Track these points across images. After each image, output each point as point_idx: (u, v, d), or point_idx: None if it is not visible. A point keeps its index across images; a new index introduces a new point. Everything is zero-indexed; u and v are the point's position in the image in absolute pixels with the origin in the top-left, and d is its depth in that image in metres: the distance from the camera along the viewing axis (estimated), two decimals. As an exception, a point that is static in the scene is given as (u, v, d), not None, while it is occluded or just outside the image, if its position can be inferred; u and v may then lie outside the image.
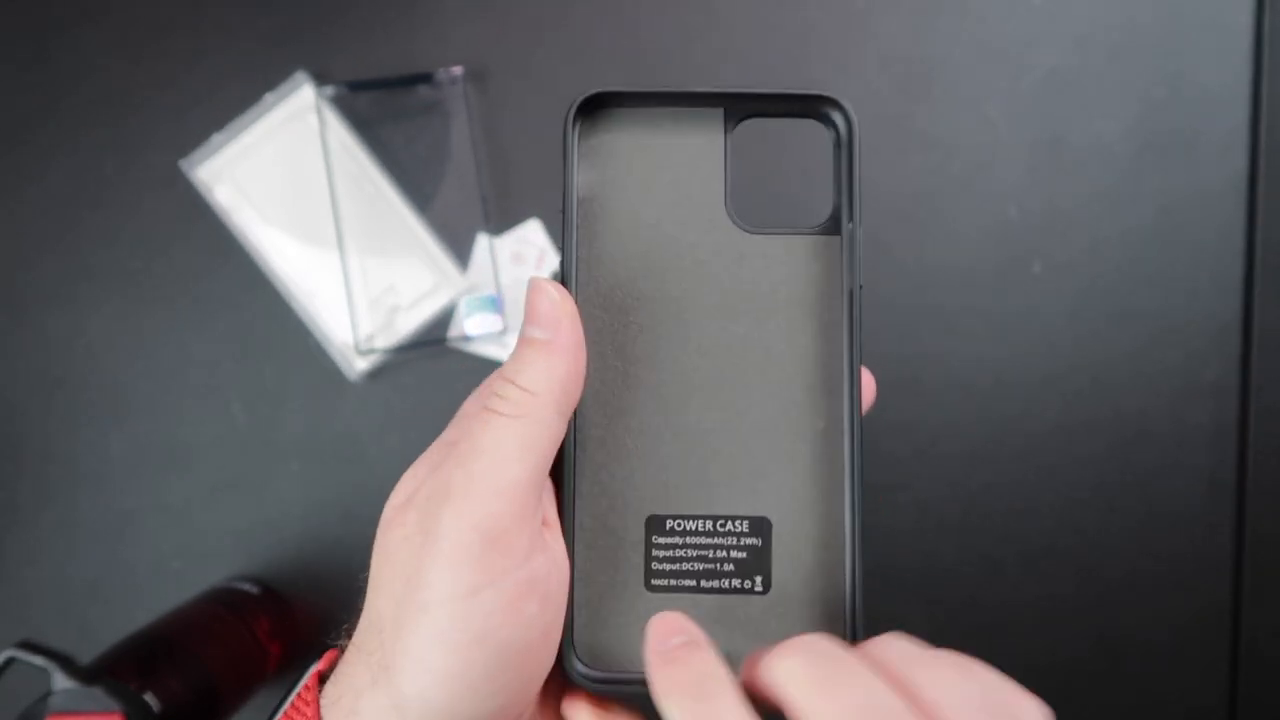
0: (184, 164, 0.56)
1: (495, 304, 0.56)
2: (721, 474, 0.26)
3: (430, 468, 0.26)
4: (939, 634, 0.63)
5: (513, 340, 0.57)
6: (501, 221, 0.57)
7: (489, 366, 0.57)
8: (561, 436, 0.26)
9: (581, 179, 0.28)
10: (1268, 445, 0.56)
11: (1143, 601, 0.57)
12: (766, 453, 0.26)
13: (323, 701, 0.25)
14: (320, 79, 0.57)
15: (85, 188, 0.58)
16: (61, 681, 0.41)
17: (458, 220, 0.57)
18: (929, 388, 0.57)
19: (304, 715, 0.24)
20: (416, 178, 0.57)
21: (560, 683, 0.27)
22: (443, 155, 0.57)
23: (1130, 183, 0.56)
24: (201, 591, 0.56)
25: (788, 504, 0.26)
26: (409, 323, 0.56)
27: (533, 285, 0.26)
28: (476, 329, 0.56)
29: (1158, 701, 0.57)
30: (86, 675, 0.41)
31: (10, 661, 0.42)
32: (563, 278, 0.27)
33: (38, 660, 0.41)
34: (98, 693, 0.41)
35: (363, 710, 0.24)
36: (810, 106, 0.27)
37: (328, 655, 0.27)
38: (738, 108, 0.27)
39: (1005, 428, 0.57)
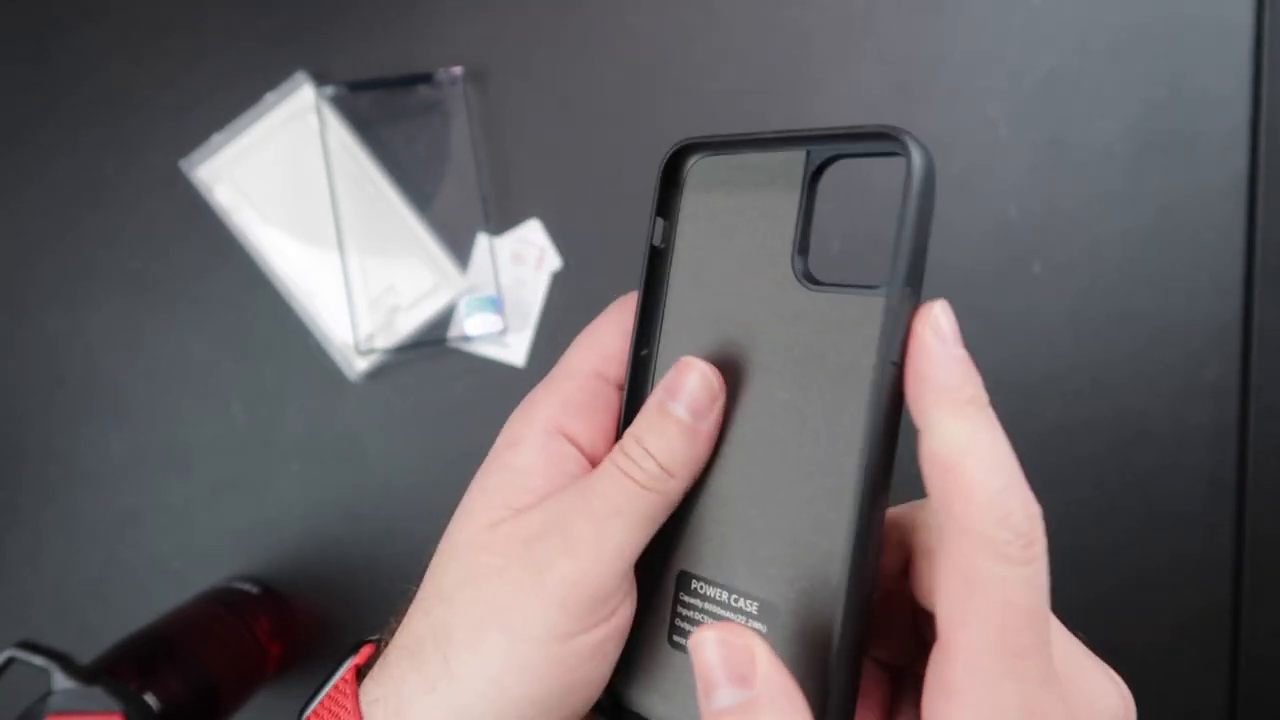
0: (184, 164, 0.56)
1: (495, 304, 0.56)
2: (745, 546, 0.25)
3: (519, 491, 0.26)
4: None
5: (513, 340, 0.57)
6: (501, 221, 0.57)
7: (489, 366, 0.57)
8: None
9: (662, 230, 0.27)
10: (1268, 445, 0.56)
11: (1143, 601, 0.57)
12: (787, 535, 0.24)
13: (363, 698, 0.25)
14: (320, 79, 0.57)
15: (85, 188, 0.58)
16: (61, 681, 0.41)
17: (458, 220, 0.57)
18: (929, 388, 0.57)
19: (344, 708, 0.25)
20: (416, 178, 0.57)
21: None
22: (443, 155, 0.57)
23: (1130, 183, 0.56)
24: (201, 591, 0.56)
25: (795, 596, 0.23)
26: (409, 323, 0.56)
27: (686, 364, 0.25)
28: (476, 329, 0.56)
29: (1158, 701, 0.57)
30: (86, 675, 0.41)
31: (10, 661, 0.42)
32: (636, 329, 0.27)
33: (38, 660, 0.41)
34: (98, 693, 0.41)
35: (412, 716, 0.24)
36: (878, 144, 0.24)
37: (365, 650, 0.27)
38: (818, 149, 0.25)
39: (1005, 427, 0.57)
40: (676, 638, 0.26)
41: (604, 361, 0.27)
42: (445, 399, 0.57)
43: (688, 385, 0.25)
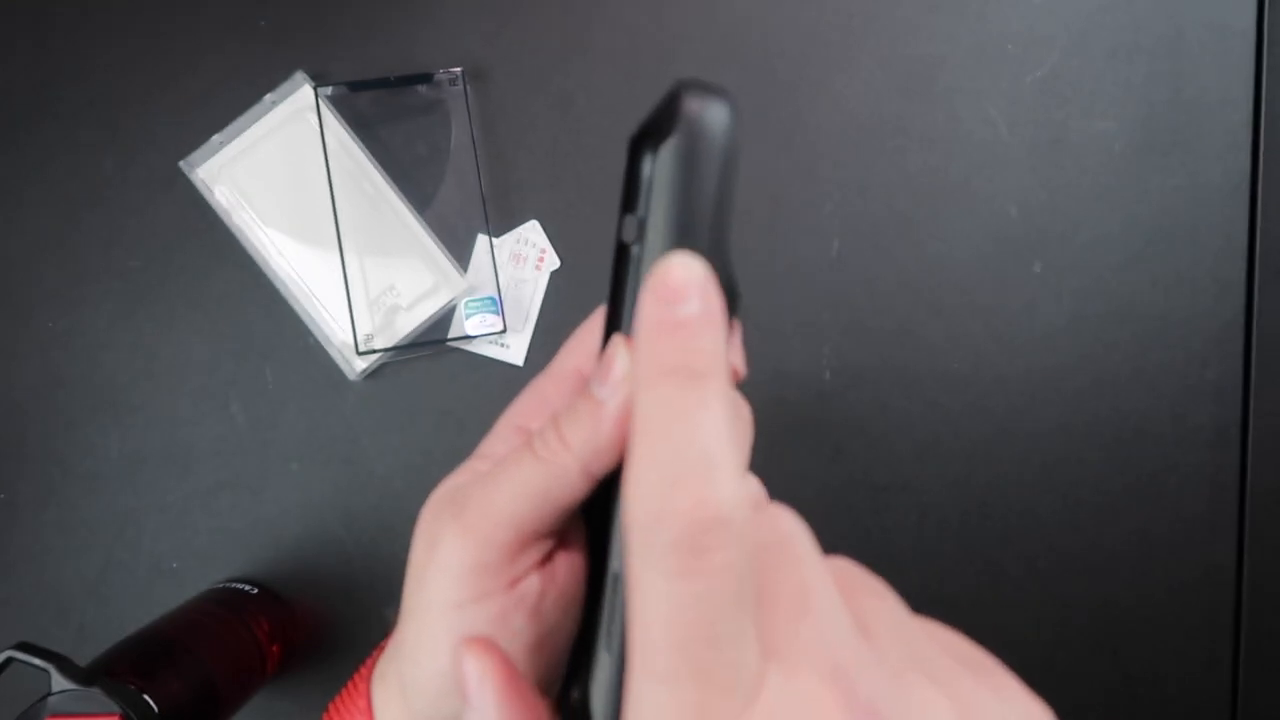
0: (184, 164, 0.56)
1: (495, 304, 0.56)
2: None
3: (468, 475, 0.27)
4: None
5: (512, 340, 0.57)
6: (501, 221, 0.57)
7: (489, 366, 0.57)
8: (584, 495, 0.25)
9: (635, 225, 0.27)
10: (1269, 445, 0.56)
11: (1144, 602, 0.57)
12: None
13: (375, 671, 0.28)
14: (319, 79, 0.56)
15: (85, 188, 0.58)
16: (60, 682, 0.41)
17: (457, 220, 0.57)
18: (929, 388, 0.57)
19: (359, 674, 0.29)
20: (416, 178, 0.57)
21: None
22: (442, 155, 0.57)
23: (1131, 182, 0.56)
24: (201, 591, 0.56)
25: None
26: (409, 323, 0.56)
27: (612, 343, 0.24)
28: (476, 329, 0.56)
29: (1160, 701, 0.57)
30: (85, 676, 0.41)
31: (8, 662, 0.42)
32: (605, 324, 0.27)
33: (36, 661, 0.41)
34: (96, 693, 0.41)
35: (387, 675, 0.27)
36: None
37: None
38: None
39: (1005, 428, 0.57)
40: (609, 640, 0.25)
41: (587, 360, 0.28)
42: (445, 399, 0.57)
43: (608, 364, 0.24)
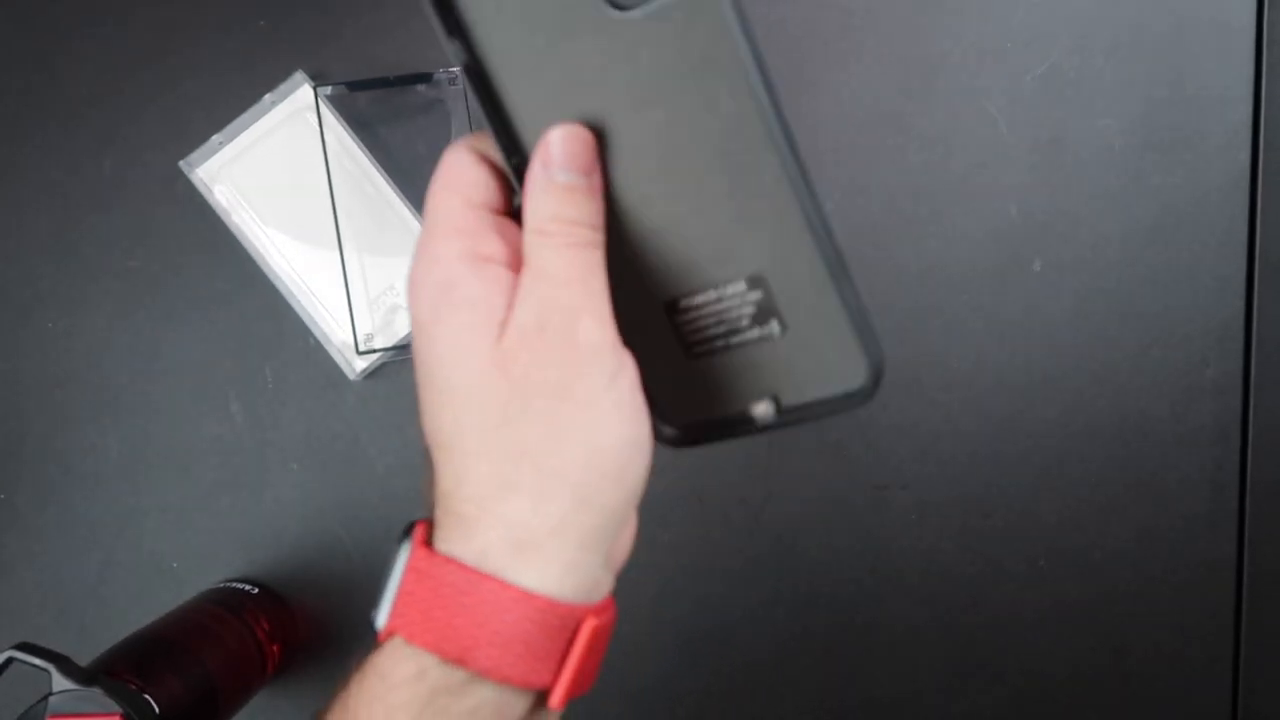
0: (184, 164, 0.56)
1: (495, 304, 0.56)
2: (706, 249, 0.28)
3: (489, 320, 0.28)
4: (940, 634, 0.63)
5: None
6: (501, 221, 0.57)
7: (488, 366, 0.57)
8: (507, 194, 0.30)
9: (460, 49, 0.28)
10: (1269, 444, 0.56)
11: (1144, 602, 0.57)
12: (734, 216, 0.27)
13: (466, 559, 0.26)
14: (319, 79, 0.56)
15: (85, 188, 0.58)
16: (61, 682, 0.41)
17: (457, 220, 0.57)
18: (929, 388, 0.57)
19: (446, 569, 0.26)
20: (415, 177, 0.57)
21: None
22: (441, 155, 0.57)
23: (1131, 181, 0.56)
24: (201, 591, 0.56)
25: (769, 255, 0.28)
26: (408, 322, 0.56)
27: (566, 132, 0.27)
28: (476, 329, 0.56)
29: (1160, 701, 0.57)
30: (85, 676, 0.41)
31: (9, 662, 0.42)
32: (499, 143, 0.29)
33: (37, 661, 0.41)
34: (97, 694, 0.41)
35: (533, 532, 0.26)
36: None
37: (421, 526, 0.29)
38: None
39: (1005, 428, 0.57)
40: (695, 349, 0.30)
41: (467, 190, 0.29)
42: (445, 399, 0.57)
43: (573, 152, 0.27)
